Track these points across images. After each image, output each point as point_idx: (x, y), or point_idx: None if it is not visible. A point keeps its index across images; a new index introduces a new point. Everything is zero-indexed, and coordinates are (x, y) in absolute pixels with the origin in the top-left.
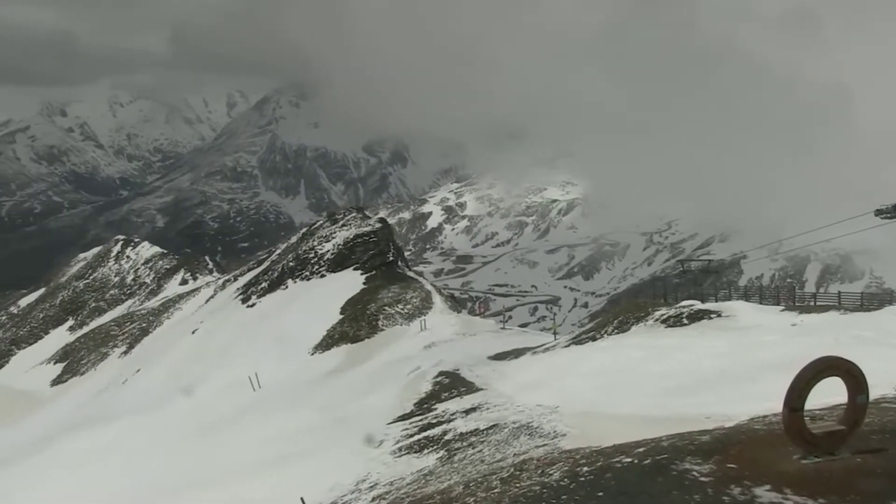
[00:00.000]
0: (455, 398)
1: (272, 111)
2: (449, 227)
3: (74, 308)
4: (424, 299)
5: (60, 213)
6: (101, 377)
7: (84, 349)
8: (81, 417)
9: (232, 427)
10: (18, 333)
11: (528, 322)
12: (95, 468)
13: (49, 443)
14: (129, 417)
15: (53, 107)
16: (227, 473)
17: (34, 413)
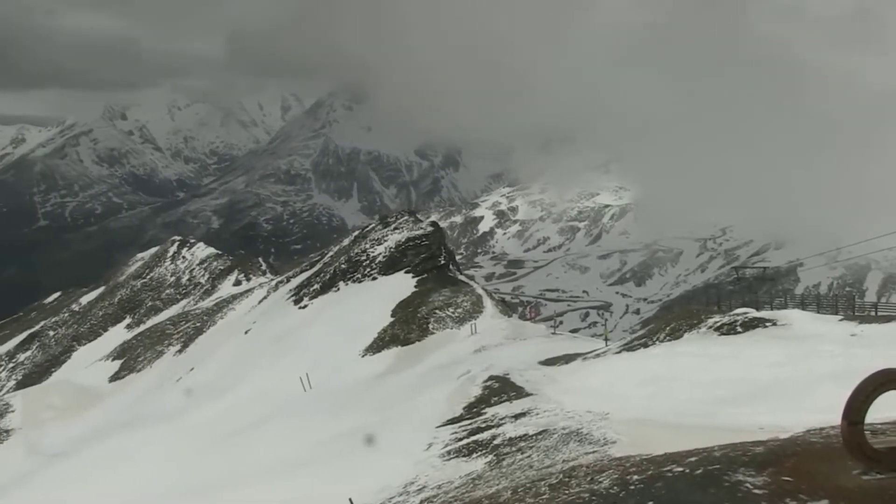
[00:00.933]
0: (504, 403)
1: (326, 115)
2: (500, 231)
3: (132, 306)
4: (475, 303)
5: (120, 213)
6: (157, 375)
7: (140, 347)
8: (135, 414)
9: (282, 427)
10: (79, 330)
11: (579, 328)
12: (142, 464)
13: (101, 439)
14: (178, 415)
15: (115, 110)
16: (276, 473)
17: (93, 408)
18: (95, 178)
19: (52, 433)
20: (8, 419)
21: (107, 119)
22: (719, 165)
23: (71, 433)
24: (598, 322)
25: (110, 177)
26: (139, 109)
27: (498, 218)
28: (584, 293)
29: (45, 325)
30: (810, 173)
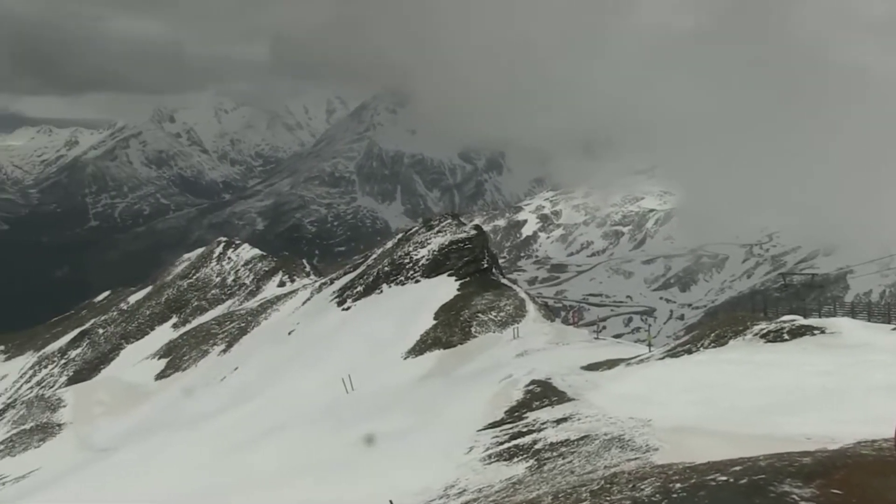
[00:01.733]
0: (546, 407)
1: (370, 118)
2: (544, 235)
3: (178, 306)
4: (518, 307)
5: (167, 214)
6: (201, 374)
7: (186, 346)
8: (180, 412)
9: (324, 427)
10: (127, 329)
11: (623, 333)
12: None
13: (145, 436)
14: (219, 413)
15: (163, 113)
16: (318, 473)
17: (140, 405)
18: (144, 180)
19: (101, 428)
20: (60, 413)
21: (155, 122)
22: (766, 170)
23: (118, 429)
24: (641, 327)
25: (158, 178)
26: (187, 112)
27: (541, 222)
28: (628, 298)
29: (94, 323)
30: (861, 177)
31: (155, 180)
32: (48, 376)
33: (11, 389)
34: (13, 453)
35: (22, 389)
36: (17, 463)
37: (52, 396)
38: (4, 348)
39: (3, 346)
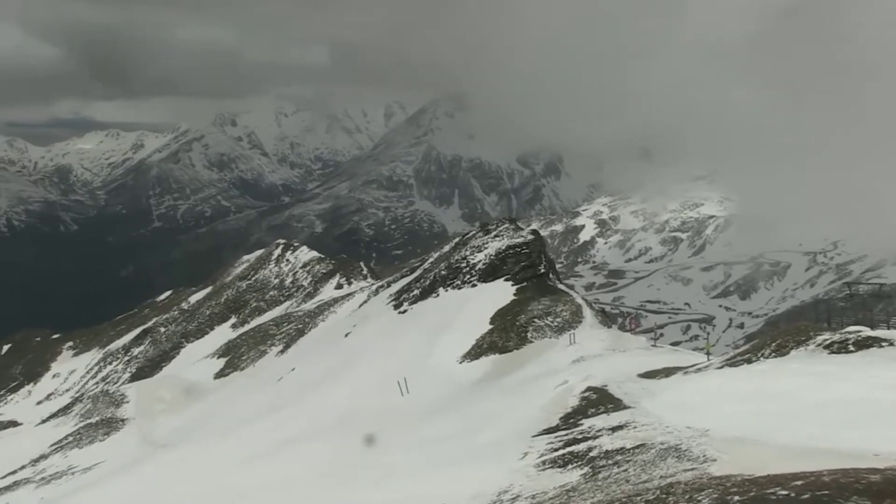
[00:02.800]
0: (602, 415)
1: (428, 122)
2: (601, 240)
3: (237, 307)
4: (574, 313)
5: (228, 216)
6: (259, 374)
7: (244, 346)
8: (237, 411)
9: (378, 430)
10: (188, 328)
11: (680, 341)
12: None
13: (202, 434)
14: (276, 413)
15: (225, 117)
16: (369, 475)
17: (198, 403)
18: (206, 182)
19: (162, 425)
20: (123, 409)
21: (218, 125)
22: (830, 176)
23: (177, 426)
24: (699, 335)
25: (220, 181)
26: (248, 116)
27: (599, 227)
28: (686, 305)
29: (157, 321)
30: None
31: (216, 183)
32: (112, 373)
33: (79, 384)
34: (81, 445)
35: (88, 384)
36: (85, 455)
37: (116, 392)
38: (73, 344)
39: (71, 342)
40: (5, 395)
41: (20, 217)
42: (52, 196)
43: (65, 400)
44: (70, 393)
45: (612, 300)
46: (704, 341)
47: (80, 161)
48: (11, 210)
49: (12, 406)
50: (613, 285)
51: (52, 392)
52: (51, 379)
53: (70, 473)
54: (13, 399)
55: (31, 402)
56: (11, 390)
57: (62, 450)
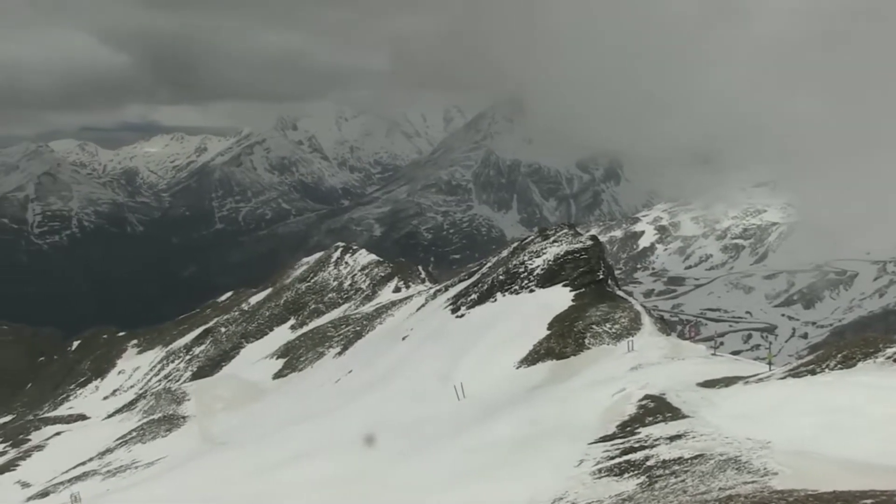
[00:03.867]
0: (659, 423)
1: (487, 126)
2: (661, 247)
3: (296, 308)
4: (633, 320)
5: (288, 219)
6: (317, 375)
7: (303, 347)
8: (295, 412)
9: (435, 434)
10: (248, 329)
11: (741, 350)
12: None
13: (261, 433)
14: (333, 415)
15: (286, 121)
16: (425, 480)
17: (257, 402)
18: (267, 185)
19: (221, 423)
20: (184, 406)
21: (279, 129)
22: None
23: (235, 424)
24: (761, 345)
25: (280, 184)
26: (309, 120)
27: (659, 233)
28: (747, 314)
29: (217, 322)
30: None
31: (277, 186)
32: (174, 371)
33: (143, 381)
34: (144, 440)
35: (151, 382)
36: (147, 449)
37: (178, 390)
38: (137, 342)
39: (136, 340)
40: (75, 389)
41: (90, 218)
42: (119, 198)
43: (129, 396)
44: (134, 389)
45: (671, 307)
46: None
47: (147, 164)
48: (82, 211)
49: (81, 400)
50: (673, 292)
51: (117, 388)
52: (116, 375)
53: (133, 467)
54: (82, 394)
55: (98, 397)
56: (80, 385)
57: (126, 444)
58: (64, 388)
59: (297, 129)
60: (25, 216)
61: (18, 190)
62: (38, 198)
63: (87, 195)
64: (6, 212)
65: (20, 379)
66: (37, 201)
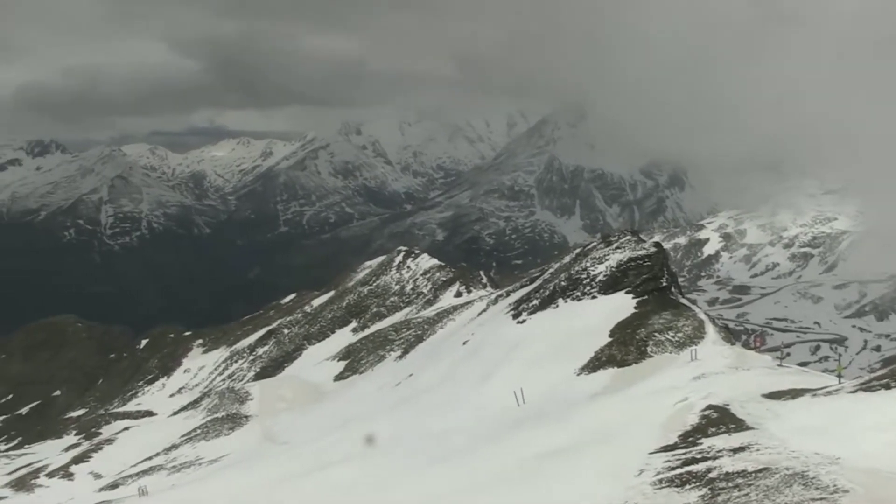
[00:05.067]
0: (722, 434)
1: (550, 132)
2: (726, 254)
3: (358, 311)
4: (697, 328)
5: (351, 223)
6: (378, 378)
7: (364, 350)
8: (355, 414)
9: (495, 439)
10: (310, 331)
11: (809, 361)
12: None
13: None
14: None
15: (350, 126)
16: (485, 486)
17: (318, 403)
18: (331, 189)
19: (282, 423)
20: (248, 406)
21: (343, 134)
22: None
23: (297, 425)
24: (830, 357)
25: (344, 188)
26: (372, 125)
27: (724, 241)
28: (816, 325)
29: (280, 323)
30: None
31: (341, 190)
32: (238, 370)
33: (207, 380)
34: (207, 438)
35: (216, 381)
36: (211, 447)
37: (241, 389)
38: (203, 342)
39: (201, 339)
40: (143, 386)
41: (159, 220)
42: (187, 200)
43: (194, 394)
44: (199, 388)
45: (735, 316)
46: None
47: (214, 167)
48: (152, 213)
49: (148, 397)
50: (738, 301)
51: (183, 386)
52: (182, 373)
53: (197, 463)
54: (149, 390)
55: (164, 395)
56: (148, 382)
57: (191, 441)
58: (132, 384)
59: (361, 134)
60: (99, 217)
61: (93, 192)
62: (111, 200)
63: (157, 198)
64: (81, 213)
65: (92, 374)
66: (109, 203)
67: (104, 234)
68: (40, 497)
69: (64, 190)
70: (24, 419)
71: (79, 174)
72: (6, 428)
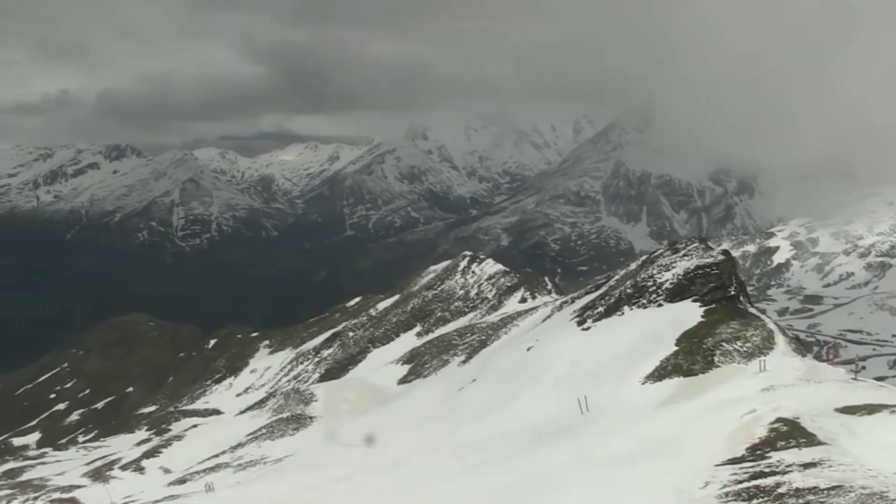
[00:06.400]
0: (792, 449)
1: (617, 137)
2: (797, 263)
3: (422, 315)
4: (766, 338)
5: (416, 227)
6: (441, 383)
7: (428, 354)
8: (419, 417)
9: (557, 446)
10: (375, 334)
11: (886, 376)
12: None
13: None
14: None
15: (416, 131)
16: (547, 491)
17: (381, 406)
18: (397, 194)
19: (346, 424)
20: (312, 407)
21: (409, 139)
22: None
23: (361, 427)
24: None
25: (410, 193)
26: (438, 130)
27: (795, 249)
28: (894, 337)
29: (346, 326)
30: None
31: (406, 194)
32: (303, 372)
33: (273, 380)
34: (272, 438)
35: (281, 381)
36: (276, 447)
37: (306, 391)
38: (269, 343)
39: (268, 341)
40: (211, 385)
41: (228, 223)
42: (256, 203)
43: (260, 394)
44: (265, 388)
45: (807, 327)
46: None
47: (282, 171)
48: (221, 216)
49: (216, 396)
50: (809, 311)
51: (249, 386)
52: (249, 374)
53: (262, 462)
54: (217, 389)
55: (231, 394)
56: (216, 381)
57: (257, 440)
58: (201, 383)
59: (427, 139)
60: (171, 220)
61: (166, 195)
62: (183, 202)
63: (227, 201)
64: (154, 215)
65: (163, 372)
66: (181, 206)
67: (175, 236)
68: (115, 488)
69: (138, 192)
70: (100, 413)
71: (152, 177)
72: (84, 421)
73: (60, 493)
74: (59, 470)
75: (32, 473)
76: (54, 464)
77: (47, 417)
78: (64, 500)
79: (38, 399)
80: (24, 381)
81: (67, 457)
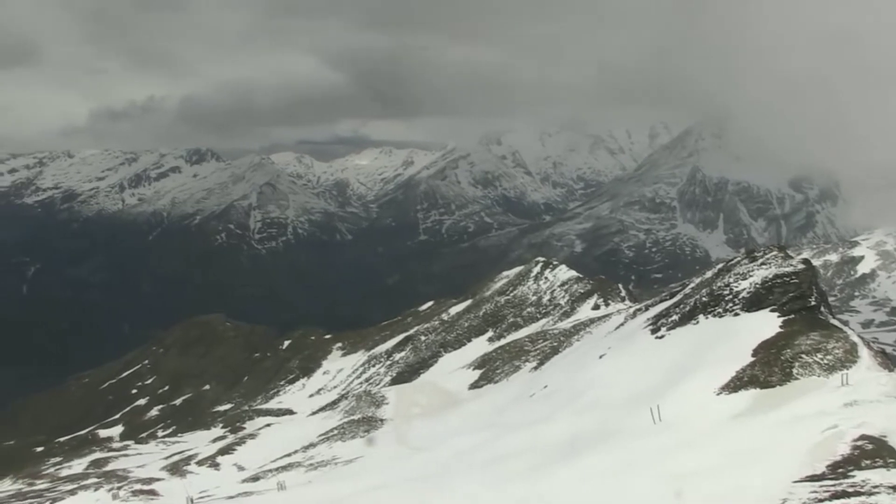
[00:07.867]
0: (879, 468)
1: (693, 143)
2: (884, 273)
3: (494, 321)
4: (848, 351)
5: (489, 233)
6: (512, 388)
7: (499, 360)
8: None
9: (627, 456)
10: (446, 338)
11: None
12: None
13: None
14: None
15: (491, 136)
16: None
17: (452, 411)
18: (470, 199)
19: (416, 428)
20: (383, 409)
21: (483, 144)
22: None
23: (431, 431)
24: None
25: (483, 198)
26: (512, 136)
27: (882, 259)
28: None
29: (418, 329)
30: None
31: (480, 199)
32: (375, 374)
33: (345, 382)
34: (343, 439)
35: (353, 384)
36: (346, 448)
37: (378, 393)
38: (342, 345)
39: (340, 343)
40: (284, 385)
41: (304, 226)
42: (331, 207)
43: (332, 396)
44: (337, 390)
45: (893, 341)
46: None
47: (357, 176)
48: (297, 220)
49: (289, 396)
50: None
51: (321, 387)
52: (321, 375)
53: (333, 463)
54: (290, 390)
55: (304, 395)
56: (289, 382)
57: (328, 441)
58: (275, 383)
59: (501, 145)
60: (248, 223)
61: (243, 198)
62: (260, 206)
63: (302, 204)
64: (232, 218)
65: (238, 372)
66: (258, 209)
67: (252, 239)
68: (191, 482)
69: (217, 196)
70: (178, 410)
71: (231, 181)
72: (163, 417)
73: (141, 484)
74: (140, 462)
75: (116, 464)
76: (135, 456)
77: (129, 411)
78: (144, 490)
79: (122, 394)
80: (109, 377)
81: (148, 450)
